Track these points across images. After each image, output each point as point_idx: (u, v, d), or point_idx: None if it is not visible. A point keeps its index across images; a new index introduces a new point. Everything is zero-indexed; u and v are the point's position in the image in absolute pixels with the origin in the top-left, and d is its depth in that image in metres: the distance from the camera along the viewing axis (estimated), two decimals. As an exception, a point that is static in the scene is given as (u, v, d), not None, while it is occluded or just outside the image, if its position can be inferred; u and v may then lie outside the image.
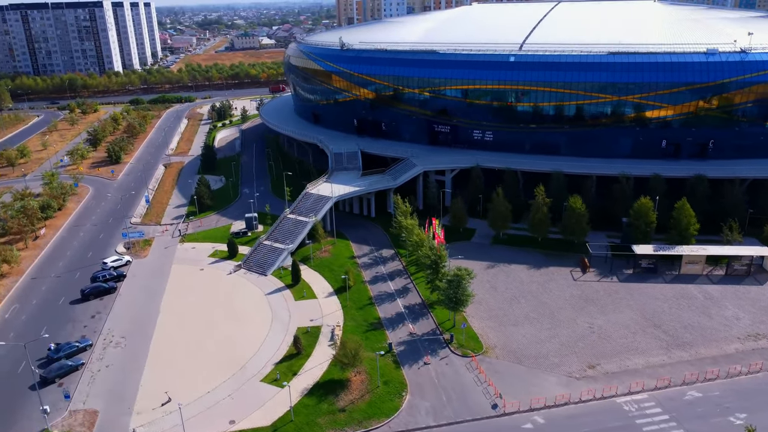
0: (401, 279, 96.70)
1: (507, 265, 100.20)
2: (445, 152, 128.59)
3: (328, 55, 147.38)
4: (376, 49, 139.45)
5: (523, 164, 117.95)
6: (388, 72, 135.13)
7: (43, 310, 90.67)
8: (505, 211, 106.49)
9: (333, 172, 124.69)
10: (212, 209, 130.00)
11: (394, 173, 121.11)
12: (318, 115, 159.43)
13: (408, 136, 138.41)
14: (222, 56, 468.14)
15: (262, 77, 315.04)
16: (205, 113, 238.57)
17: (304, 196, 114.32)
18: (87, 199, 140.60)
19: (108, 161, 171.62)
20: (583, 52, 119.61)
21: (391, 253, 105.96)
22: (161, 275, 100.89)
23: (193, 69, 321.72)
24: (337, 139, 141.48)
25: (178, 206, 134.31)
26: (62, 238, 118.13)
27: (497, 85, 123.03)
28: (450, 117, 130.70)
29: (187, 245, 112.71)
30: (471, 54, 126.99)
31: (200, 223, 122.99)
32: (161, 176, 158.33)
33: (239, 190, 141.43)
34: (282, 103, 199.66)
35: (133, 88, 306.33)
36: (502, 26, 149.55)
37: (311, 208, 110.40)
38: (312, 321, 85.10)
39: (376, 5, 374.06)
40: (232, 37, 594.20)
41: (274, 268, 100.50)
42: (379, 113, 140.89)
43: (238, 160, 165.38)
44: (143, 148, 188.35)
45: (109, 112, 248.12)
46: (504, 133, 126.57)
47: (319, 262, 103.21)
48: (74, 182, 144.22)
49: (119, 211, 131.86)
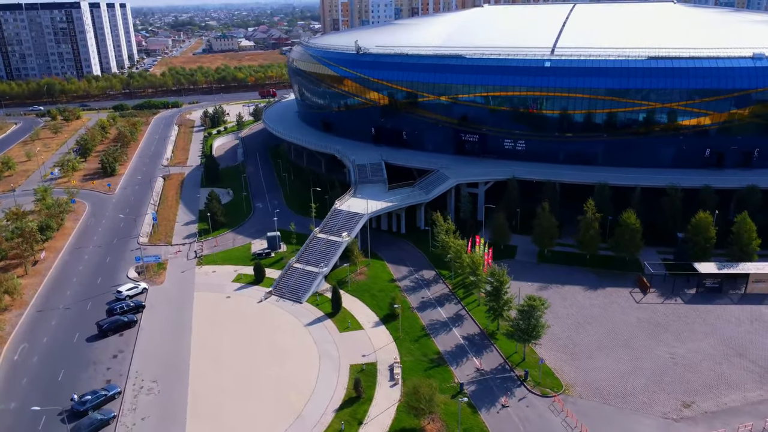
0: (451, 305, 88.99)
1: (560, 286, 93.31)
2: (474, 163, 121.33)
3: (342, 60, 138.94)
4: (396, 54, 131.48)
5: (562, 175, 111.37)
6: (410, 78, 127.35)
7: (57, 349, 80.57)
8: (551, 227, 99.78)
9: (357, 185, 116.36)
10: (226, 226, 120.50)
11: (425, 186, 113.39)
12: (329, 123, 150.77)
13: (431, 146, 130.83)
14: (201, 59, 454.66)
15: (249, 81, 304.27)
16: (196, 119, 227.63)
17: (334, 213, 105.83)
18: (85, 217, 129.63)
19: (101, 173, 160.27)
20: (621, 56, 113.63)
21: (433, 274, 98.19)
22: (184, 304, 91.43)
23: (177, 73, 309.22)
24: (354, 149, 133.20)
25: (187, 223, 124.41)
26: (65, 263, 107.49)
27: (531, 92, 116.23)
28: (479, 125, 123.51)
29: (206, 268, 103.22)
30: (501, 59, 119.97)
31: (216, 243, 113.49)
32: (161, 189, 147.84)
33: (252, 204, 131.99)
34: (282, 109, 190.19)
35: (115, 93, 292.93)
36: (523, 29, 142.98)
37: (343, 227, 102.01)
38: (364, 357, 76.86)
39: (363, 7, 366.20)
40: (209, 39, 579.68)
41: (309, 294, 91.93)
42: (399, 121, 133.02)
43: (244, 171, 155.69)
44: (137, 159, 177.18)
45: (93, 118, 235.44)
46: (537, 142, 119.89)
47: (357, 286, 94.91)
48: (70, 198, 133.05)
49: (123, 230, 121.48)
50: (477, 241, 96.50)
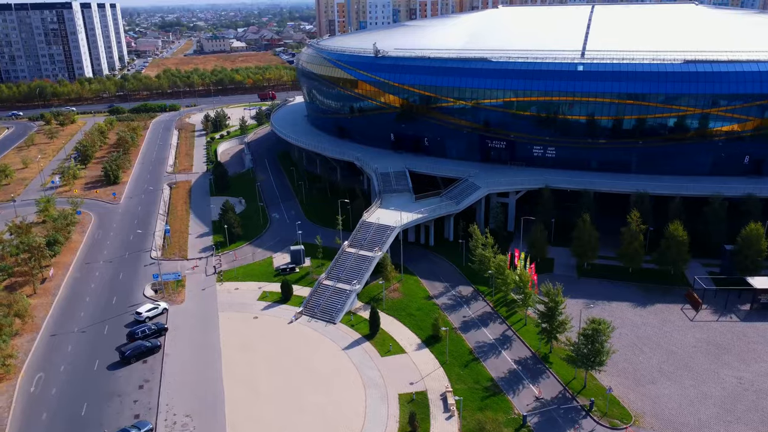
0: (496, 324, 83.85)
1: (606, 303, 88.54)
2: (503, 171, 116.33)
3: (359, 63, 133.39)
4: (418, 57, 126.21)
5: (598, 184, 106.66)
6: (432, 82, 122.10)
7: (77, 379, 74.31)
8: (592, 239, 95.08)
9: (383, 195, 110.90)
10: (243, 239, 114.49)
11: (454, 196, 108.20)
12: (344, 129, 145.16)
13: (455, 153, 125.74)
14: (193, 60, 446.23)
15: (247, 83, 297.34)
16: (197, 123, 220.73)
17: (362, 225, 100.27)
18: (92, 229, 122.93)
19: (103, 181, 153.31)
20: (656, 60, 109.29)
21: (470, 290, 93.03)
22: (209, 326, 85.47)
23: (173, 75, 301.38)
24: (373, 156, 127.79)
25: (201, 235, 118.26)
26: (75, 280, 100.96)
27: (563, 97, 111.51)
28: (506, 131, 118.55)
29: (227, 285, 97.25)
30: (530, 62, 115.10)
31: (235, 257, 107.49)
32: (169, 199, 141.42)
33: (268, 214, 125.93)
34: (290, 113, 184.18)
35: (108, 96, 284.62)
36: (545, 31, 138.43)
37: (374, 240, 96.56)
38: (413, 384, 71.49)
39: (361, 8, 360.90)
40: (200, 40, 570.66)
41: (343, 314, 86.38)
42: (421, 127, 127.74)
43: (255, 179, 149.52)
44: (139, 166, 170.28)
45: (89, 122, 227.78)
46: (568, 149, 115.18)
47: (392, 304, 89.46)
48: (75, 209, 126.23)
49: (134, 244, 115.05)
50: (517, 255, 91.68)
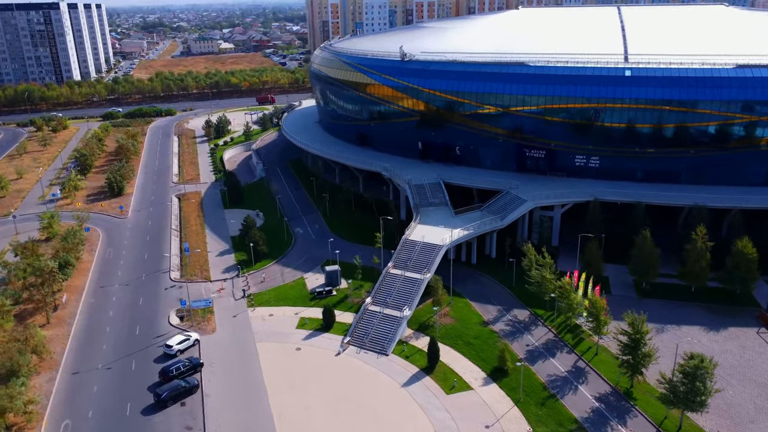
0: (564, 354, 76.99)
1: (676, 327, 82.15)
2: (543, 182, 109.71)
3: (384, 67, 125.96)
4: (449, 61, 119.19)
5: (650, 196, 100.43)
6: (465, 87, 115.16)
7: (109, 427, 65.98)
8: (653, 257, 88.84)
9: (419, 209, 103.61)
10: (268, 257, 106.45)
11: (498, 210, 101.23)
12: (365, 136, 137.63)
13: (489, 163, 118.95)
14: (182, 62, 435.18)
15: (243, 86, 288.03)
16: (197, 129, 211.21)
17: (405, 244, 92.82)
18: (101, 247, 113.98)
19: (107, 192, 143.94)
20: (706, 65, 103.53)
21: (527, 314, 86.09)
22: (248, 360, 77.46)
23: (166, 78, 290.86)
24: (401, 166, 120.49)
25: (221, 253, 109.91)
26: (90, 307, 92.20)
27: (610, 104, 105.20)
28: (546, 140, 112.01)
29: (260, 311, 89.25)
30: (572, 67, 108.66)
31: (263, 278, 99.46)
32: (179, 212, 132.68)
33: (291, 229, 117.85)
34: (301, 118, 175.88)
35: (99, 100, 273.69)
36: (577, 34, 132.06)
37: (420, 261, 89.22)
38: (489, 428, 64.35)
39: (357, 8, 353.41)
40: (188, 41, 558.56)
41: (395, 343, 78.98)
42: (451, 135, 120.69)
43: (269, 189, 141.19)
44: (142, 175, 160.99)
45: (82, 128, 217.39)
46: (613, 158, 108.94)
47: (446, 331, 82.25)
48: (81, 225, 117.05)
49: (149, 263, 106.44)
50: (576, 276, 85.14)
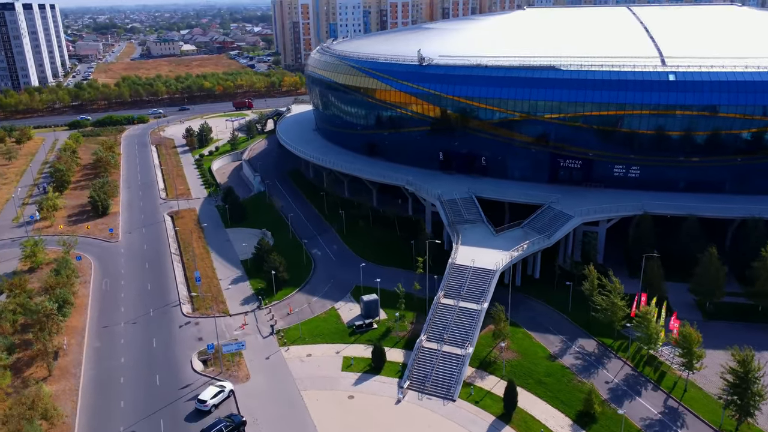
0: (650, 392, 69.46)
1: (757, 353, 75.31)
2: (581, 194, 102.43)
3: (399, 72, 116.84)
4: (473, 65, 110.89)
5: (702, 209, 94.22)
6: (494, 94, 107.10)
7: None
8: (720, 276, 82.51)
9: (456, 228, 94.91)
10: (289, 284, 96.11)
11: (542, 228, 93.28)
12: (375, 146, 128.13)
13: (518, 174, 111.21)
14: (143, 65, 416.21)
15: (217, 90, 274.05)
16: (175, 138, 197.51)
17: (454, 269, 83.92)
18: (95, 278, 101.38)
19: (90, 212, 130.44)
20: (750, 68, 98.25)
21: (594, 345, 78.25)
22: (295, 413, 67.33)
23: (134, 83, 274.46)
24: (422, 178, 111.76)
25: (234, 281, 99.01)
26: (96, 353, 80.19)
27: (652, 110, 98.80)
28: (584, 149, 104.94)
29: (294, 350, 79.04)
30: (610, 71, 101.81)
31: (289, 310, 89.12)
32: (175, 232, 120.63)
33: (307, 251, 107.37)
34: (295, 125, 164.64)
35: (62, 107, 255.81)
36: (597, 36, 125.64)
37: (474, 288, 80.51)
38: (596, 489, 56.24)
39: (330, 9, 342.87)
40: (147, 43, 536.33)
41: (461, 386, 70.13)
42: (476, 145, 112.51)
43: (272, 205, 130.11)
44: (126, 190, 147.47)
45: (48, 139, 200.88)
46: (655, 167, 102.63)
47: (511, 367, 73.80)
48: (68, 251, 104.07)
49: (154, 296, 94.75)
50: (644, 300, 78.09)
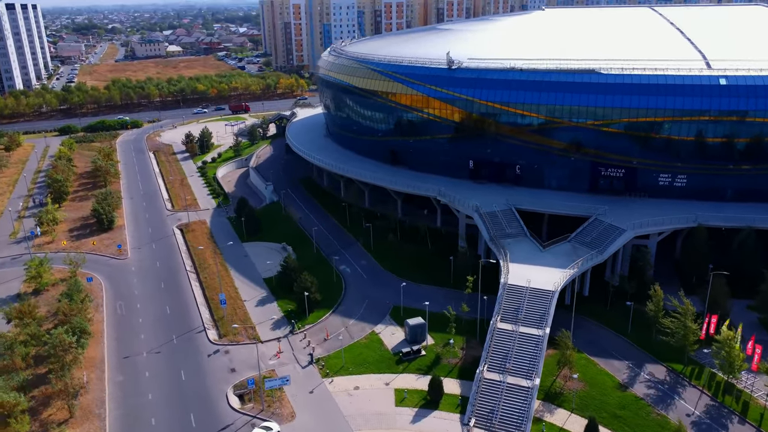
0: (737, 426, 63.91)
1: (838, 377, 70.81)
2: (625, 204, 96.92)
3: (426, 76, 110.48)
4: (506, 69, 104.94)
5: (762, 221, 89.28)
6: (530, 99, 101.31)
7: None
8: (790, 294, 77.61)
9: (499, 243, 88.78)
10: (322, 305, 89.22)
11: (592, 242, 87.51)
12: (398, 154, 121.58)
13: (556, 183, 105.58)
14: (128, 66, 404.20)
15: (211, 93, 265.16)
16: (173, 143, 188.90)
17: (508, 290, 77.74)
18: (108, 301, 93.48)
19: (92, 226, 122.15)
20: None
21: (663, 371, 72.51)
22: (352, 458, 60.83)
23: (125, 85, 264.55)
24: (453, 188, 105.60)
25: (260, 302, 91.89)
26: (120, 388, 72.66)
27: (701, 116, 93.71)
28: (627, 157, 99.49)
29: (339, 382, 72.33)
30: (652, 75, 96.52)
31: (326, 335, 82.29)
32: (188, 248, 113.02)
33: (335, 267, 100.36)
34: (303, 131, 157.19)
35: (50, 111, 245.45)
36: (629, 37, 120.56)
37: (533, 311, 74.45)
38: None
39: (324, 9, 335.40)
40: (132, 44, 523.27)
41: (531, 422, 64.01)
42: (510, 153, 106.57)
43: (288, 216, 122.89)
44: (128, 201, 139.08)
45: (38, 145, 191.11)
46: (702, 176, 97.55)
47: (580, 399, 67.89)
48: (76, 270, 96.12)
49: (175, 320, 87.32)
50: (714, 322, 72.85)
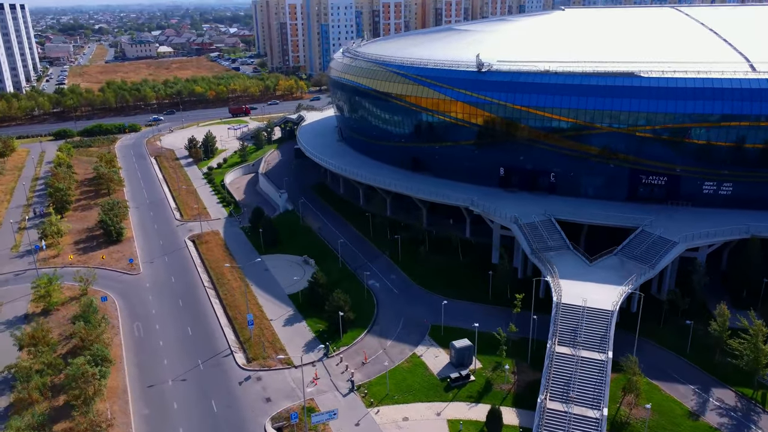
0: (824, 458, 59.61)
1: None
2: (668, 214, 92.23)
3: (454, 80, 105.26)
4: (540, 72, 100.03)
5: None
6: (567, 103, 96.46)
7: None
8: None
9: (543, 257, 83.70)
10: (355, 324, 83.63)
11: (641, 256, 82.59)
12: (422, 160, 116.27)
13: (592, 191, 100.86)
14: (119, 68, 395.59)
15: (210, 95, 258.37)
16: (175, 148, 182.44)
17: (563, 310, 72.64)
18: (124, 322, 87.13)
19: (99, 238, 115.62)
20: None
21: (732, 396, 67.80)
22: (413, 501, 55.40)
23: (120, 88, 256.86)
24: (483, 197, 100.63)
25: (288, 321, 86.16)
26: (147, 422, 66.55)
27: (751, 122, 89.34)
28: (670, 164, 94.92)
29: (386, 412, 66.88)
30: (698, 78, 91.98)
31: (365, 358, 76.72)
32: (202, 261, 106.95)
33: (364, 283, 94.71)
34: (314, 135, 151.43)
35: (42, 114, 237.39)
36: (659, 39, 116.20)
37: (592, 333, 69.38)
38: None
39: (322, 9, 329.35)
40: (122, 45, 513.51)
41: (603, 458, 59.04)
42: (544, 159, 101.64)
43: (306, 226, 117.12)
44: (134, 211, 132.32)
45: (33, 150, 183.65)
46: (749, 184, 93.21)
47: (650, 430, 62.96)
48: (92, 290, 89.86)
49: (198, 343, 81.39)
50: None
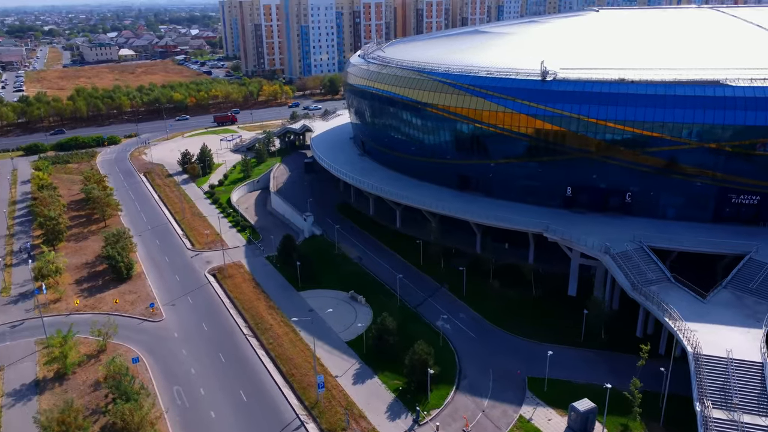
0: None
1: None
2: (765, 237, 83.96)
3: (513, 89, 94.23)
4: (614, 81, 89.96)
5: None
6: (648, 116, 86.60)
7: None
8: None
9: (647, 292, 73.38)
10: (438, 380, 71.49)
11: (757, 290, 73.40)
12: (471, 179, 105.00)
13: (673, 212, 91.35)
14: (80, 72, 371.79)
15: (189, 102, 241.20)
16: (166, 163, 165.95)
17: (705, 365, 61.91)
18: (161, 387, 72.61)
19: (103, 275, 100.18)
20: None
21: None
22: None
23: (91, 95, 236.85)
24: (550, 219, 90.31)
25: (356, 378, 73.45)
26: None
27: None
28: (764, 182, 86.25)
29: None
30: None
31: (466, 425, 64.59)
32: (231, 301, 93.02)
33: (432, 325, 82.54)
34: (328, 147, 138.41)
35: (4, 126, 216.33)
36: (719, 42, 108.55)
37: (747, 392, 59.09)
38: None
39: (302, 10, 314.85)
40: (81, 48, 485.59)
41: None
42: (620, 178, 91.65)
43: (341, 255, 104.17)
44: (137, 239, 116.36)
45: (4, 168, 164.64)
46: None
47: None
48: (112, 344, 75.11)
49: (254, 409, 68.07)
50: None
